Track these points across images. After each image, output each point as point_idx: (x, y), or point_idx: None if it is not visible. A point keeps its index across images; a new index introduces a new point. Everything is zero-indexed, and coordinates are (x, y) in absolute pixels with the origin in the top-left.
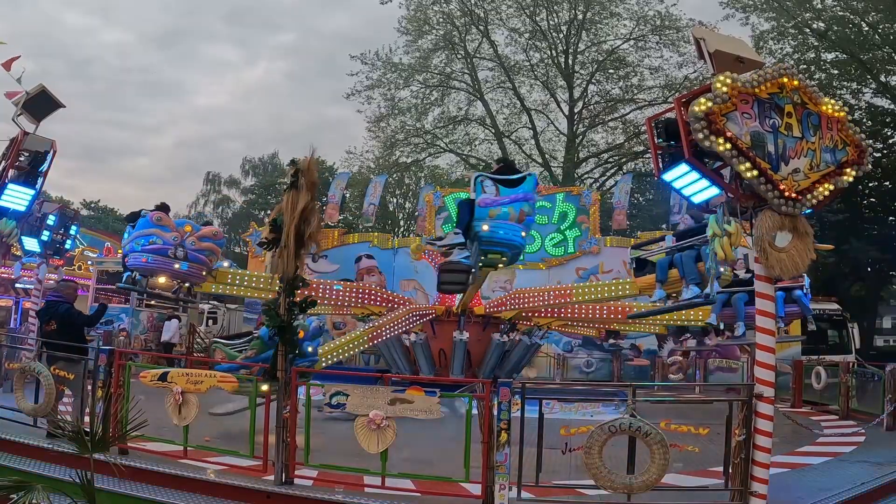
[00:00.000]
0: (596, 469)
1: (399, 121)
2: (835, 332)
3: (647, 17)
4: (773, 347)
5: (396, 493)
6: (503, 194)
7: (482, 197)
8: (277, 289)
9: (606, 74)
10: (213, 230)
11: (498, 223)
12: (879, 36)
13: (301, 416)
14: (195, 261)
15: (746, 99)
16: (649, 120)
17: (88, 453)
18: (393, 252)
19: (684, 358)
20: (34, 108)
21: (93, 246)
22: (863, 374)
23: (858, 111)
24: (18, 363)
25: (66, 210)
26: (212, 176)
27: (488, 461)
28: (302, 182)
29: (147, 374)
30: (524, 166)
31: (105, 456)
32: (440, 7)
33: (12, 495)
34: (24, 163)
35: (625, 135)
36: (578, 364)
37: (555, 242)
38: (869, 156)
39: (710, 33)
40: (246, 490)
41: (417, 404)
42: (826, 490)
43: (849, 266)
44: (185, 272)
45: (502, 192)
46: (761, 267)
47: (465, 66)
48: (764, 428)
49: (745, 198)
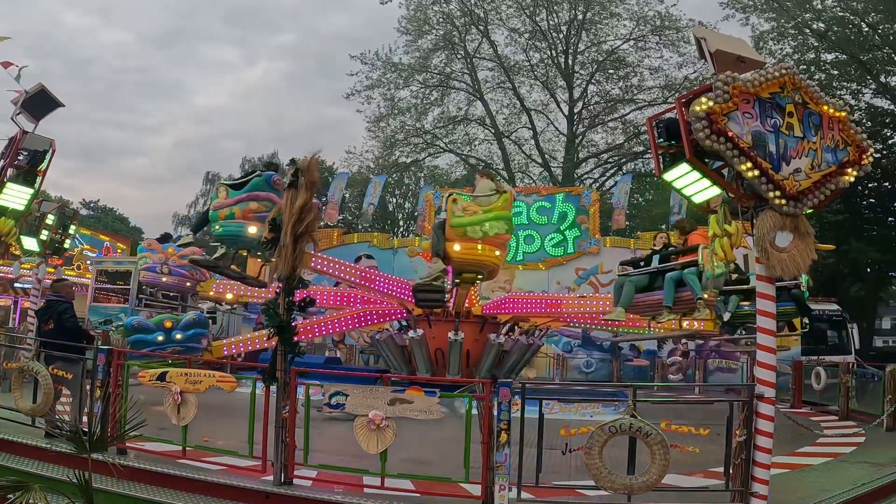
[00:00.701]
0: (596, 469)
1: (399, 121)
2: (834, 333)
3: (646, 17)
4: (774, 348)
5: (396, 494)
6: (231, 196)
7: (214, 202)
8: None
9: (606, 75)
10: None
11: (225, 223)
12: (879, 36)
13: (300, 417)
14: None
15: (748, 98)
16: (650, 120)
17: (86, 453)
18: (392, 252)
19: (684, 358)
20: (33, 108)
21: (92, 245)
22: (862, 374)
23: (858, 112)
24: (17, 363)
25: (65, 209)
26: (211, 176)
27: (488, 461)
28: (301, 181)
29: (146, 373)
30: (524, 166)
31: (103, 456)
32: (440, 7)
33: (9, 495)
34: (23, 162)
35: (624, 135)
36: (578, 364)
37: (554, 243)
38: (870, 156)
39: (711, 33)
40: (245, 490)
41: (417, 404)
42: (826, 491)
43: (848, 267)
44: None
45: (231, 194)
46: (762, 267)
47: (464, 66)
48: (765, 428)
49: (746, 198)
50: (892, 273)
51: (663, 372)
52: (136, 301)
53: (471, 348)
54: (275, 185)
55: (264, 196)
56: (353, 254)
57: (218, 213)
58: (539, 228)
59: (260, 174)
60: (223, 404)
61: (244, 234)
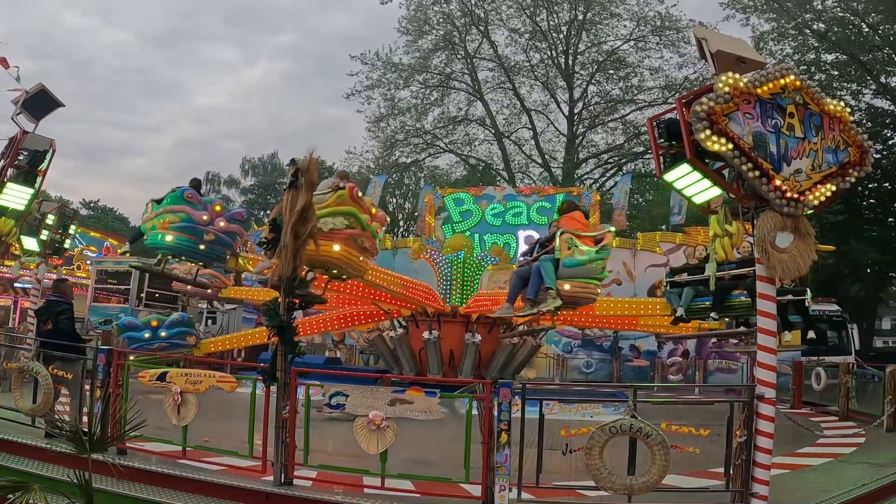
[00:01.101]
0: (596, 470)
1: (399, 121)
2: (834, 334)
3: (647, 17)
4: (775, 348)
5: (396, 494)
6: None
7: (144, 216)
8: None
9: (606, 75)
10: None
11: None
12: (879, 37)
13: (300, 417)
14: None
15: (748, 99)
16: (651, 120)
17: (86, 453)
18: (392, 252)
19: (684, 359)
20: (33, 107)
21: (92, 245)
22: (862, 375)
23: (858, 112)
24: (16, 363)
25: (65, 209)
26: (211, 176)
27: (488, 462)
28: (301, 182)
29: (146, 373)
30: (524, 166)
31: (103, 456)
32: (440, 7)
33: (9, 495)
34: (23, 162)
35: (625, 135)
36: (578, 365)
37: None
38: (871, 157)
39: (712, 33)
40: (244, 490)
41: (417, 405)
42: (826, 491)
43: (848, 267)
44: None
45: (154, 208)
46: (763, 267)
47: (465, 66)
48: (765, 429)
49: (747, 198)
50: (892, 274)
51: (663, 372)
52: (137, 301)
53: (482, 349)
54: (187, 200)
55: (178, 209)
56: None
57: (146, 226)
58: (539, 229)
59: (174, 190)
60: (223, 404)
61: (163, 242)
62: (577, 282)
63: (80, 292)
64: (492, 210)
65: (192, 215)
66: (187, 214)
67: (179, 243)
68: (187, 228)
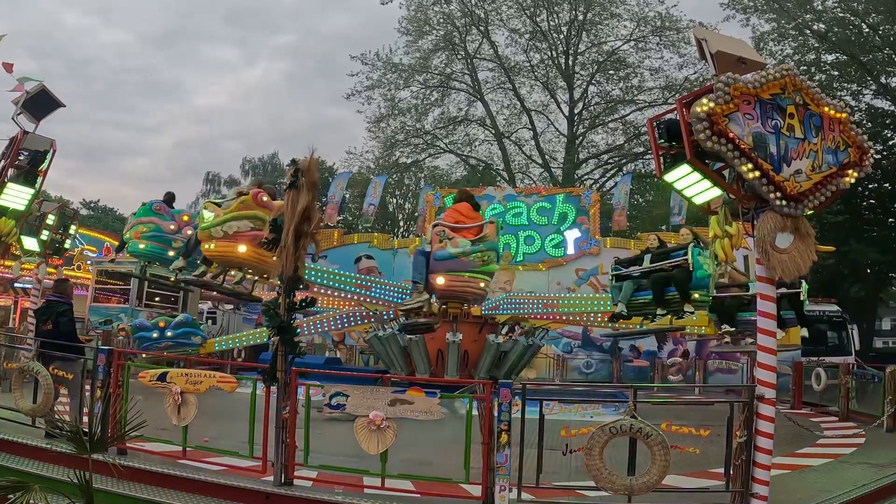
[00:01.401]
0: (597, 470)
1: (399, 121)
2: (834, 334)
3: (647, 18)
4: (775, 349)
5: (396, 495)
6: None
7: (125, 229)
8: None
9: (607, 75)
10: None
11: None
12: (880, 38)
13: (300, 417)
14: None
15: (748, 100)
16: (651, 121)
17: (87, 453)
18: (393, 253)
19: (684, 359)
20: (34, 108)
21: (92, 245)
22: (862, 375)
23: (858, 113)
24: (16, 363)
25: (65, 209)
26: (211, 176)
27: (488, 462)
28: (302, 182)
29: (146, 374)
30: (524, 166)
31: (103, 456)
32: (440, 7)
33: (9, 495)
34: (23, 162)
35: (625, 136)
36: (578, 365)
37: (555, 243)
38: (870, 157)
39: (712, 34)
40: (245, 490)
41: (417, 405)
42: (826, 492)
43: (848, 267)
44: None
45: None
46: (763, 268)
47: (465, 66)
48: (765, 429)
49: (747, 199)
50: (892, 274)
51: (663, 373)
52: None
53: (469, 349)
54: (156, 212)
55: (147, 220)
56: (353, 254)
57: (125, 236)
58: (539, 229)
59: (144, 203)
60: (223, 405)
61: (138, 249)
62: (452, 275)
63: (81, 292)
64: (492, 210)
65: (161, 225)
66: (156, 224)
67: (150, 251)
68: (156, 237)
